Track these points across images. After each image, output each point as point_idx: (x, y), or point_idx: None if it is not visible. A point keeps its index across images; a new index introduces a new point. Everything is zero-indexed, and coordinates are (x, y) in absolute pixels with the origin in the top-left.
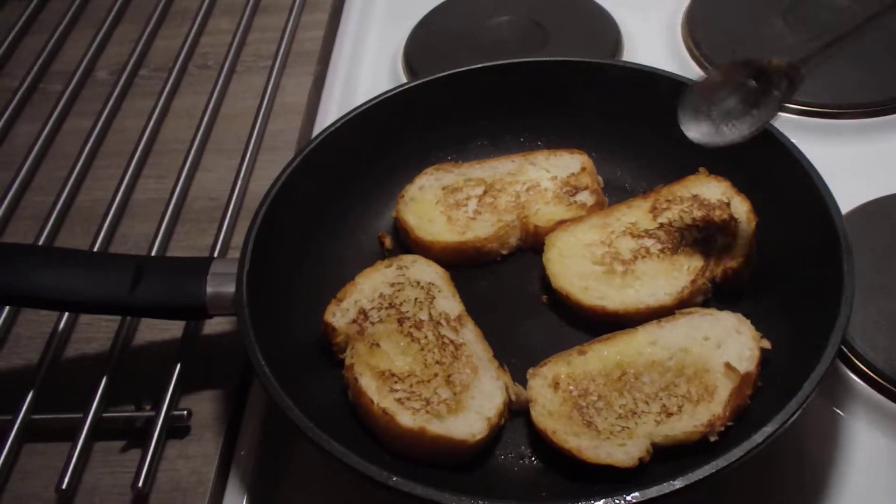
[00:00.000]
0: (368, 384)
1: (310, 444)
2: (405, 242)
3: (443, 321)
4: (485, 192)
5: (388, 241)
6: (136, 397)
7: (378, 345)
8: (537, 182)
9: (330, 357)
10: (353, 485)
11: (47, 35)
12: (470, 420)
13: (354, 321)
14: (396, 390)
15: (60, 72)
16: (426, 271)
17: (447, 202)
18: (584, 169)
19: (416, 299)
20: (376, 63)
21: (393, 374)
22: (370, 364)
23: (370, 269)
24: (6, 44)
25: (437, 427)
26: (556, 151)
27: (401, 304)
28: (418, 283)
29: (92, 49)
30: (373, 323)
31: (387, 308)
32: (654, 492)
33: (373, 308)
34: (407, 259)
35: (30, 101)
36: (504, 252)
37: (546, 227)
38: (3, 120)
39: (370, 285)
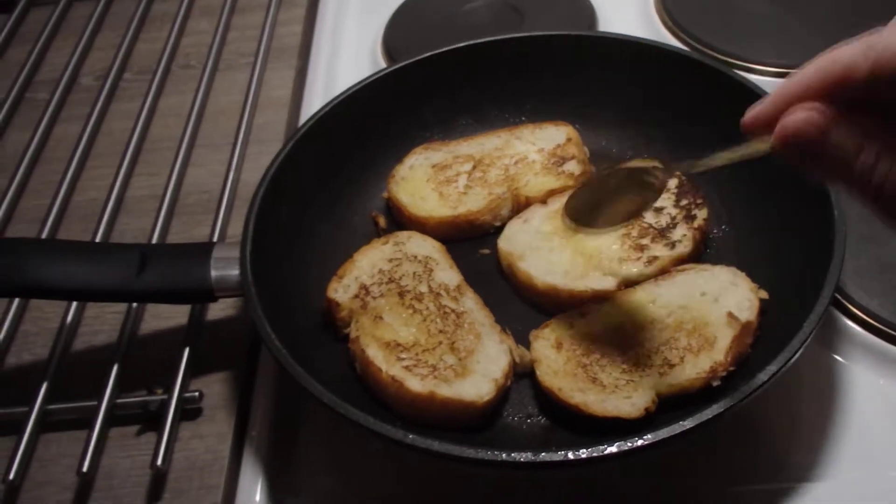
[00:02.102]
0: (375, 354)
1: (326, 410)
2: (399, 220)
3: (443, 292)
4: (474, 168)
5: (382, 221)
6: (147, 383)
7: (381, 318)
8: (525, 155)
9: (334, 332)
10: (365, 452)
11: (30, 45)
12: (477, 382)
13: (357, 296)
14: (403, 359)
15: (46, 80)
16: (422, 245)
17: (437, 179)
18: (569, 139)
19: (414, 273)
20: (356, 53)
21: (398, 345)
22: (375, 336)
23: (367, 247)
24: None
25: (445, 390)
26: (541, 125)
27: (400, 278)
28: (415, 257)
29: (75, 57)
30: (374, 297)
31: (387, 283)
32: (665, 433)
33: (373, 283)
34: (402, 235)
35: (18, 110)
36: (497, 224)
37: (537, 197)
38: None
39: (369, 262)
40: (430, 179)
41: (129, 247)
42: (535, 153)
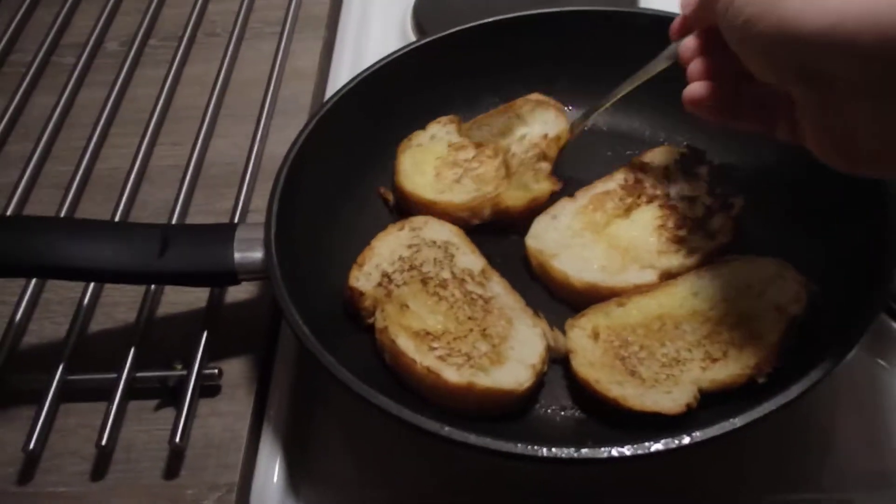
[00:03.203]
0: (406, 344)
1: (358, 400)
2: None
3: (467, 277)
4: (474, 157)
5: (390, 196)
6: (166, 358)
7: (407, 306)
8: (509, 147)
9: (357, 322)
10: (383, 435)
11: (57, 8)
12: (515, 369)
13: (380, 284)
14: (435, 348)
15: (71, 44)
16: (440, 230)
17: (447, 160)
18: (557, 138)
19: (435, 259)
20: (385, 25)
21: (428, 333)
22: (403, 325)
23: (384, 234)
24: (18, 18)
25: (484, 380)
26: (544, 103)
27: (421, 264)
28: (434, 242)
29: (101, 21)
30: (398, 286)
31: (408, 270)
32: (715, 430)
33: (395, 271)
34: (418, 220)
35: (43, 73)
36: (475, 222)
37: (517, 207)
38: (19, 93)
39: (388, 248)
40: (439, 157)
41: (151, 227)
42: (516, 144)
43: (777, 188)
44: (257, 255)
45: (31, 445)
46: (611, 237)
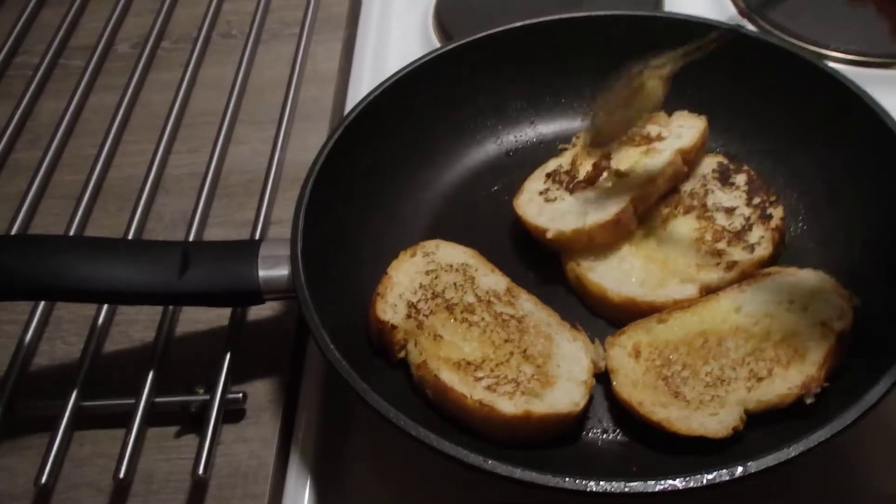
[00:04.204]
0: (451, 378)
1: (395, 430)
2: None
3: (493, 299)
4: None
5: None
6: (186, 382)
7: (441, 336)
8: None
9: (385, 356)
10: (417, 460)
11: (64, 8)
12: (567, 389)
13: (409, 316)
14: (481, 378)
15: (80, 46)
16: (453, 253)
17: None
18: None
19: (455, 283)
20: (406, 25)
21: (469, 363)
22: (441, 357)
23: (397, 261)
24: (23, 18)
25: (540, 406)
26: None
27: (443, 291)
28: (451, 266)
29: (111, 22)
30: (426, 315)
31: (432, 298)
32: (770, 460)
33: (419, 300)
34: (429, 245)
35: (51, 77)
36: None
37: None
38: (26, 98)
39: (406, 277)
40: None
41: (169, 245)
42: None
43: (817, 196)
44: (283, 272)
45: (44, 478)
46: (648, 249)
